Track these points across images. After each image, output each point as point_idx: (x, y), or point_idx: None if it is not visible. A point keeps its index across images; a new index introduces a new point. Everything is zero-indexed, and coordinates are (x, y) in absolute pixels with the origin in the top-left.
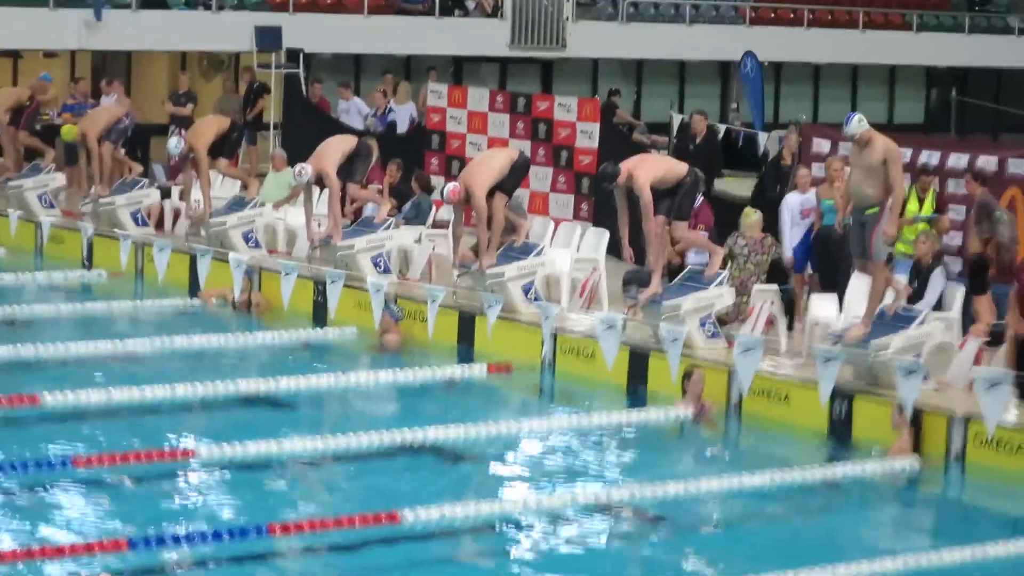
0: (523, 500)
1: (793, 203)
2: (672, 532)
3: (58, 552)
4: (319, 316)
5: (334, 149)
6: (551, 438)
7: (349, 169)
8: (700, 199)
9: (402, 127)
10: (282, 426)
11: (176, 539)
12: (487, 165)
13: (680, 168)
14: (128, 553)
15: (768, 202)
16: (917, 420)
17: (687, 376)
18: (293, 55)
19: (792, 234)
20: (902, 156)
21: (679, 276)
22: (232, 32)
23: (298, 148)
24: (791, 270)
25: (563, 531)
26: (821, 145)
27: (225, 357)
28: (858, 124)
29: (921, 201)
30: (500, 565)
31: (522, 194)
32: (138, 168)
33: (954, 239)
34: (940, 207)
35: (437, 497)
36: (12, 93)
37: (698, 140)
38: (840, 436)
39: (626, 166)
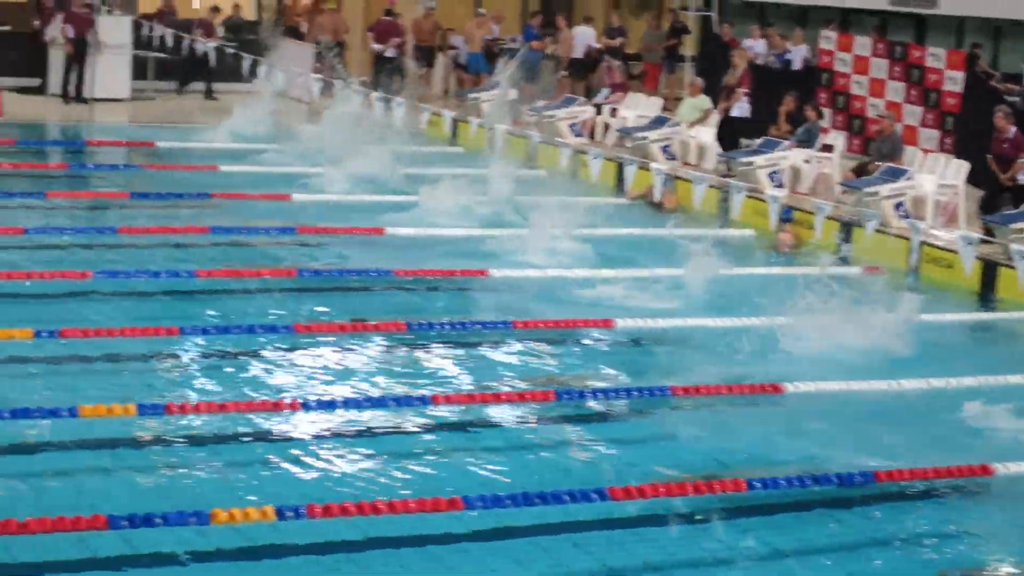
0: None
1: None
2: None
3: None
4: (723, 218)
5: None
6: (913, 329)
7: None
8: None
9: (796, 65)
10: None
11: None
12: None
13: None
14: None
15: None
16: None
17: None
18: (708, 0)
19: None
20: None
21: None
22: None
23: (710, 78)
24: None
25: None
26: None
27: (642, 246)
28: None
29: None
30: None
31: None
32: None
33: None
34: None
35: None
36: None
37: None
38: None
39: None
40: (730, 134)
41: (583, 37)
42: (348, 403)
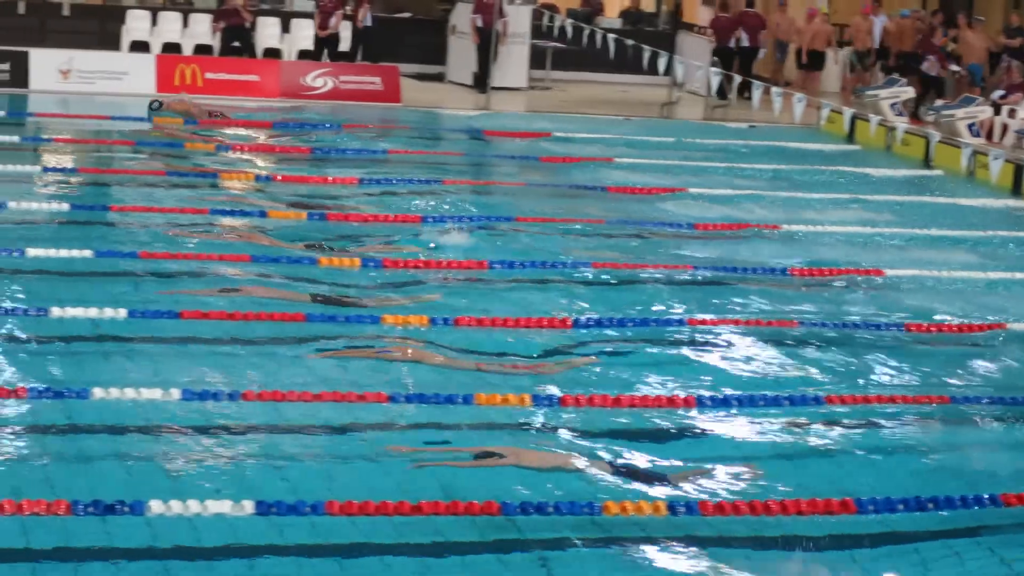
0: None
1: None
2: None
3: None
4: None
5: None
6: None
7: None
8: None
9: None
10: None
11: None
12: None
13: None
14: None
15: None
16: None
17: None
18: None
19: None
20: None
21: None
22: None
23: None
24: None
25: None
26: None
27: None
28: None
29: None
30: None
31: None
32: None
33: None
34: None
35: None
36: None
37: None
38: None
39: None
40: None
41: None
42: (741, 401)
